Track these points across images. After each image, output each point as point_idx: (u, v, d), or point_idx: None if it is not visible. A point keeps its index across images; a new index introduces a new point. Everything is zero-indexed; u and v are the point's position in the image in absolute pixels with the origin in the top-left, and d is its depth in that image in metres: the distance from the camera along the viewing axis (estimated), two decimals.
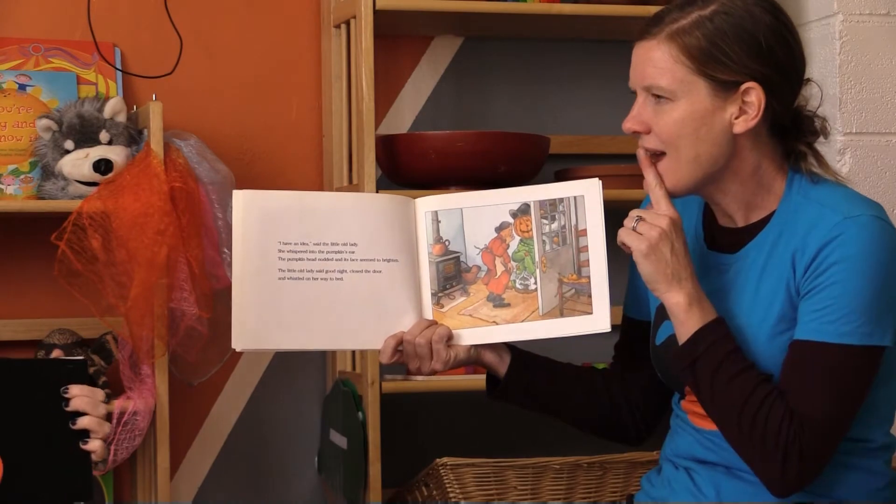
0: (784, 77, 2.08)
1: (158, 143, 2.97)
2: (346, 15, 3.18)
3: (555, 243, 2.15)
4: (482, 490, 2.91)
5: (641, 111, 2.10)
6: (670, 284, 2.07)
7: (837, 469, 2.09)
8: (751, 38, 2.05)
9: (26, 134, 3.06)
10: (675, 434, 2.23)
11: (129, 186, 2.93)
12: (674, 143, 2.08)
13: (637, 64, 2.10)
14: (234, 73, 3.33)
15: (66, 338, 3.07)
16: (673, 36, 2.06)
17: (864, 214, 2.03)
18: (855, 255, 2.01)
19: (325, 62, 3.32)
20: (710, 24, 2.05)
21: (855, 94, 3.30)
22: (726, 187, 2.12)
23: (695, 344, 2.05)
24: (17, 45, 3.15)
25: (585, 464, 2.95)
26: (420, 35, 3.44)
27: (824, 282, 2.02)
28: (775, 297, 2.07)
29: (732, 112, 2.07)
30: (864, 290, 2.00)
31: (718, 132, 2.07)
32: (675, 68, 2.06)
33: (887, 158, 3.32)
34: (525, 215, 2.16)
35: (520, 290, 2.16)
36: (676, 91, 2.06)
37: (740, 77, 2.05)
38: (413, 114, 3.44)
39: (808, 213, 2.07)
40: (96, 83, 3.17)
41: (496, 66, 3.47)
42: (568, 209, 2.15)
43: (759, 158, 2.11)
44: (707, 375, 2.04)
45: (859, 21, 3.31)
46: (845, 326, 2.00)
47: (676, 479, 2.18)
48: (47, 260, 2.96)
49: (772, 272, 2.08)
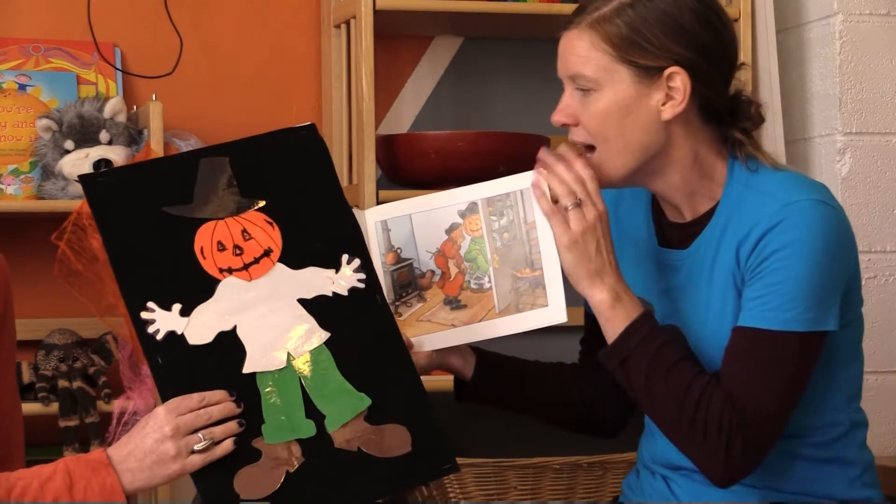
0: (710, 61, 2.05)
1: (158, 143, 2.98)
2: (346, 15, 3.18)
3: (505, 239, 2.13)
4: (482, 490, 2.91)
5: (569, 103, 2.08)
6: (592, 281, 2.05)
7: (811, 465, 2.08)
8: (673, 23, 2.03)
9: (26, 134, 3.07)
10: (650, 436, 2.22)
11: None
12: (602, 133, 2.06)
13: (562, 54, 2.09)
14: (234, 74, 3.33)
15: (66, 338, 3.07)
16: (594, 24, 2.04)
17: (804, 199, 2.01)
18: (796, 241, 1.98)
19: (325, 62, 3.32)
20: (632, 11, 2.03)
21: (855, 94, 3.30)
22: (667, 178, 2.09)
23: (624, 342, 2.03)
24: (17, 45, 3.16)
25: (585, 464, 2.94)
26: (420, 35, 3.44)
27: (766, 269, 1.99)
28: (727, 293, 2.05)
29: (659, 98, 2.04)
30: (805, 276, 1.98)
31: (646, 119, 2.05)
32: (596, 56, 2.04)
33: (887, 158, 3.32)
34: (473, 214, 2.14)
35: (475, 289, 2.14)
36: (600, 80, 2.04)
37: (663, 62, 2.03)
38: (413, 114, 3.44)
39: (750, 202, 2.05)
40: (96, 83, 3.18)
41: (496, 66, 3.47)
42: (515, 203, 2.13)
43: (695, 145, 2.08)
44: (641, 372, 2.02)
45: (859, 21, 3.31)
46: (787, 313, 1.98)
47: (654, 489, 2.17)
48: (47, 260, 2.96)
49: (721, 266, 2.06)
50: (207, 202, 1.96)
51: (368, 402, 1.94)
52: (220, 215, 1.96)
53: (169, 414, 1.86)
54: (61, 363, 3.02)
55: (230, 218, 1.96)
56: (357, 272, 1.99)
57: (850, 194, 3.29)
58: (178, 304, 1.91)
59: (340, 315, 1.97)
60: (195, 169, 1.97)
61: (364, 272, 1.99)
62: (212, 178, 1.97)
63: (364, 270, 1.99)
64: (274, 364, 1.92)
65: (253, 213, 1.97)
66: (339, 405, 1.93)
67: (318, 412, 1.92)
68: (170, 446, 1.85)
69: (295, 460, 1.90)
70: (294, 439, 1.91)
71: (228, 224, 1.96)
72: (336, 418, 1.93)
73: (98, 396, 2.98)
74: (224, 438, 1.87)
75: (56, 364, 3.02)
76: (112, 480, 1.86)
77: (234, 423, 1.88)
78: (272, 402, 1.91)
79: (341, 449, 1.92)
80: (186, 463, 1.86)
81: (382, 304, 1.99)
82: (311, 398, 1.93)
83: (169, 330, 1.90)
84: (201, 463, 1.86)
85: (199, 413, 1.87)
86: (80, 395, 2.95)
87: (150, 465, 1.86)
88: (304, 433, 1.91)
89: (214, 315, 1.92)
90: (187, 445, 1.86)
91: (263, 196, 1.98)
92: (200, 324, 1.91)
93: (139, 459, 1.86)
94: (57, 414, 2.93)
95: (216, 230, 1.95)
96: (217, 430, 1.87)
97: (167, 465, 1.86)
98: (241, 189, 1.98)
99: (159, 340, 1.89)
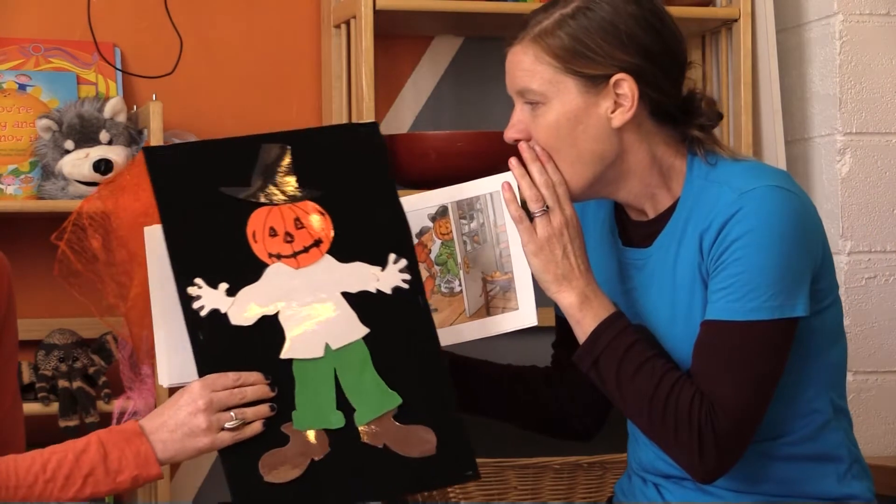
0: (655, 64, 2.05)
1: (158, 143, 2.98)
2: (346, 15, 3.18)
3: (475, 242, 2.13)
4: (482, 490, 2.91)
5: (520, 118, 2.09)
6: (560, 285, 2.05)
7: (799, 464, 2.08)
8: (614, 30, 2.03)
9: (26, 134, 3.07)
10: (635, 443, 2.21)
11: (129, 186, 2.92)
12: (554, 146, 2.06)
13: (509, 70, 2.10)
14: (234, 74, 3.33)
15: (66, 338, 3.07)
16: (537, 38, 2.05)
17: (761, 186, 2.00)
18: (754, 229, 1.98)
19: (325, 62, 3.32)
20: (573, 22, 2.04)
21: (855, 94, 3.30)
22: (628, 185, 2.09)
23: (594, 342, 2.03)
24: (17, 45, 3.16)
25: (585, 464, 2.95)
26: (420, 35, 3.44)
27: (727, 259, 1.99)
28: (694, 287, 2.04)
29: (607, 106, 2.04)
30: (767, 264, 1.97)
31: (597, 129, 2.05)
32: (541, 69, 2.05)
33: (887, 158, 3.32)
34: (443, 217, 2.14)
35: (445, 293, 2.13)
36: (546, 93, 2.05)
37: (608, 70, 2.03)
38: (413, 114, 3.44)
39: (710, 194, 2.04)
40: (96, 83, 3.18)
41: (496, 66, 3.45)
42: (485, 206, 2.13)
43: (651, 148, 2.08)
44: (612, 372, 2.02)
45: (859, 21, 3.31)
46: (752, 302, 1.97)
47: (645, 497, 2.17)
48: (47, 260, 2.95)
49: (684, 260, 2.06)
50: (264, 187, 1.99)
51: (399, 400, 1.96)
52: (275, 201, 1.98)
53: (204, 389, 1.89)
54: (61, 363, 3.02)
55: (285, 205, 1.99)
56: (403, 272, 2.01)
57: (850, 194, 3.29)
58: (225, 284, 1.94)
59: (381, 313, 1.99)
60: (255, 153, 1.99)
61: (409, 273, 2.01)
62: (271, 164, 1.99)
63: (409, 271, 2.01)
64: (312, 353, 1.94)
65: (307, 203, 2.00)
66: (369, 400, 1.95)
67: (348, 405, 1.94)
68: (202, 420, 1.88)
69: (321, 449, 1.92)
70: (322, 429, 1.92)
71: (282, 211, 1.99)
72: (365, 413, 1.95)
73: (98, 396, 2.98)
74: (254, 420, 1.89)
75: (56, 364, 3.02)
76: (146, 449, 1.89)
77: (266, 406, 1.90)
78: (305, 389, 1.93)
79: (367, 444, 1.94)
80: (216, 439, 1.89)
81: (424, 307, 2.01)
82: (343, 390, 1.95)
83: (213, 308, 1.92)
84: (230, 440, 1.89)
85: (234, 392, 1.89)
86: (80, 395, 2.95)
87: (181, 437, 1.89)
88: (333, 424, 1.93)
89: (259, 298, 1.94)
90: (219, 422, 1.88)
91: (320, 187, 2.01)
92: (245, 305, 1.93)
93: (171, 430, 1.89)
94: (57, 414, 2.93)
95: (269, 215, 1.98)
96: (249, 411, 1.89)
97: (198, 438, 1.89)
98: (298, 178, 2.00)
99: (203, 317, 1.92)
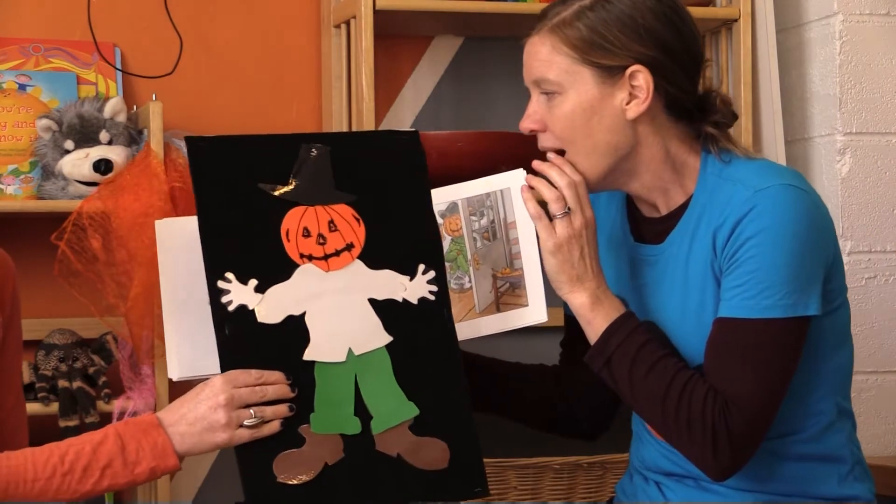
0: (672, 58, 2.06)
1: (158, 143, 2.98)
2: (346, 15, 3.18)
3: (485, 239, 2.13)
4: None
5: (536, 108, 2.10)
6: (573, 286, 2.06)
7: (802, 464, 2.08)
8: (632, 23, 2.04)
9: (26, 134, 3.07)
10: (639, 441, 2.22)
11: (129, 186, 2.94)
12: (569, 136, 2.08)
13: (526, 61, 2.11)
14: (234, 73, 3.33)
15: (66, 338, 3.07)
16: (555, 29, 2.06)
17: (775, 185, 2.01)
18: (768, 228, 1.98)
19: (325, 62, 3.32)
20: (591, 13, 2.05)
21: (855, 94, 3.30)
22: (641, 178, 2.10)
23: (606, 342, 2.04)
24: (17, 45, 3.16)
25: (585, 464, 2.95)
26: (420, 35, 3.44)
27: (741, 257, 2.00)
28: (706, 285, 2.05)
29: (623, 98, 2.05)
30: (781, 262, 1.98)
31: (612, 120, 2.06)
32: (559, 60, 2.06)
33: (887, 158, 3.32)
34: (454, 214, 2.14)
35: (455, 289, 2.13)
36: (563, 83, 2.06)
37: (625, 61, 2.04)
38: (413, 114, 3.44)
39: (723, 192, 2.05)
40: (96, 83, 3.18)
41: (496, 66, 3.47)
42: (495, 203, 2.14)
43: (665, 142, 2.09)
44: (624, 371, 2.02)
45: (859, 21, 3.31)
46: (766, 300, 1.98)
47: (647, 495, 2.17)
48: (47, 260, 2.96)
49: (696, 257, 2.06)
50: (302, 186, 1.98)
51: (416, 411, 1.96)
52: (311, 202, 1.98)
53: (226, 384, 1.88)
54: (61, 363, 3.02)
55: (320, 206, 1.98)
56: (430, 284, 2.01)
57: (850, 194, 3.29)
58: (255, 280, 1.93)
59: (406, 322, 1.99)
60: (296, 151, 1.99)
61: (437, 285, 2.01)
62: (310, 165, 1.99)
63: (437, 283, 2.01)
64: (334, 356, 1.94)
65: (342, 207, 2.00)
66: (387, 409, 1.95)
67: (366, 412, 1.94)
68: (221, 415, 1.87)
69: (335, 454, 1.92)
70: (338, 433, 1.92)
71: (317, 212, 1.98)
72: (382, 421, 1.95)
73: (98, 396, 2.98)
74: (273, 419, 1.89)
75: (56, 364, 3.02)
76: (163, 440, 1.88)
77: (285, 406, 1.90)
78: (325, 393, 1.93)
79: (381, 452, 1.94)
80: (234, 435, 1.88)
81: (448, 320, 2.01)
82: (362, 397, 1.95)
83: (241, 303, 1.92)
84: (248, 438, 1.88)
85: (255, 389, 1.89)
86: (80, 395, 2.95)
87: (199, 430, 1.88)
88: (350, 430, 1.93)
89: (287, 298, 1.94)
90: (238, 418, 1.88)
91: (356, 192, 2.01)
92: (272, 304, 1.93)
93: (190, 424, 1.89)
94: (57, 414, 2.93)
95: (304, 216, 1.98)
96: (268, 409, 1.89)
97: (216, 432, 1.88)
98: (336, 181, 2.00)
99: (230, 312, 1.91)
